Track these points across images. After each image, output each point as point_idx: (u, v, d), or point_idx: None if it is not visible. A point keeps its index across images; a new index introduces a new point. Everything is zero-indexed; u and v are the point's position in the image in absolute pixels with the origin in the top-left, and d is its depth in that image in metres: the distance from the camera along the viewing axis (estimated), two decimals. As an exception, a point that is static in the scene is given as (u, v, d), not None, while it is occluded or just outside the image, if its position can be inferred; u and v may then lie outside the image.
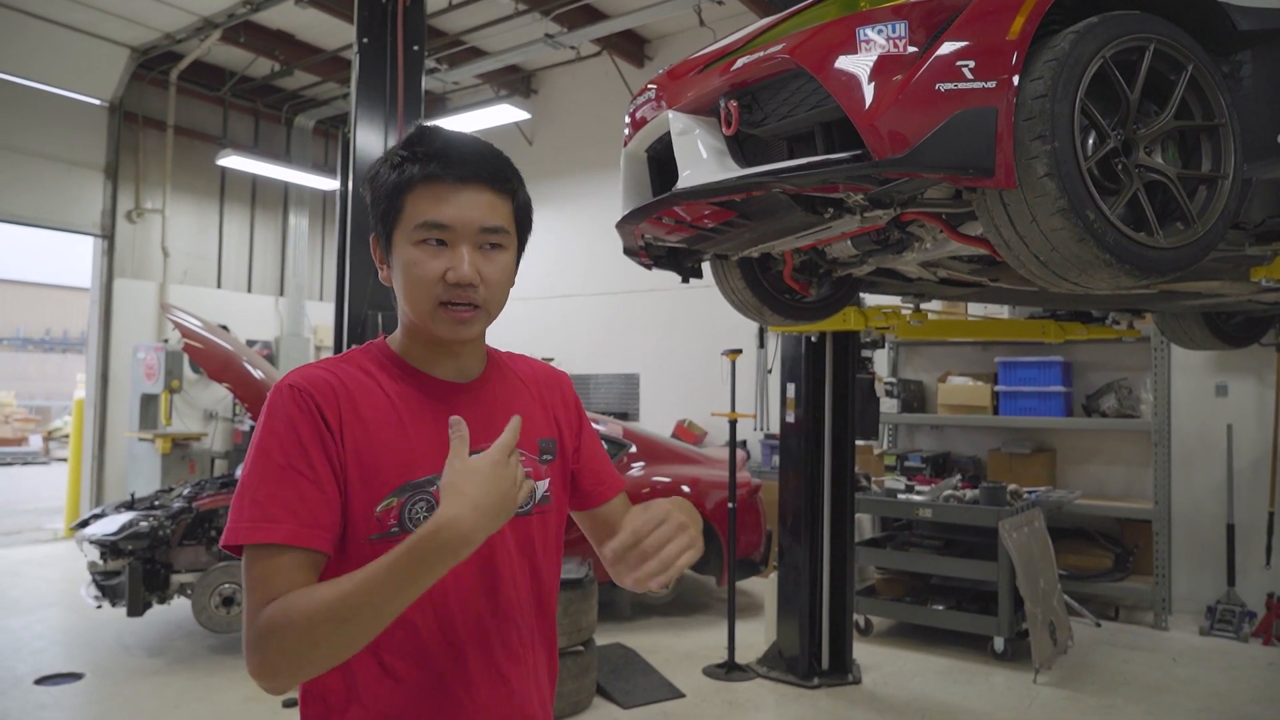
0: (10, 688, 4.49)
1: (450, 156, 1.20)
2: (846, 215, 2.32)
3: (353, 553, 1.15)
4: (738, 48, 2.19)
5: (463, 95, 10.29)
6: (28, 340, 29.28)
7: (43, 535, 8.93)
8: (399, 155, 1.22)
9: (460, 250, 1.19)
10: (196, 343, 5.06)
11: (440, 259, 1.19)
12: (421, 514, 1.18)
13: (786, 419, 4.95)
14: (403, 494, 1.18)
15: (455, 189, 1.19)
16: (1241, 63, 2.11)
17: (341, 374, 1.21)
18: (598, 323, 9.49)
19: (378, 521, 1.16)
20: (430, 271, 1.19)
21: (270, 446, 1.13)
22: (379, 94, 4.82)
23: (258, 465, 1.13)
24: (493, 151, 1.25)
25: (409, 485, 1.18)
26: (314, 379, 1.18)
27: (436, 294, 1.19)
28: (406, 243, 1.20)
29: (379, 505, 1.17)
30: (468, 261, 1.19)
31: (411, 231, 1.19)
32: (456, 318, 1.20)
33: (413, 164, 1.20)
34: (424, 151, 1.20)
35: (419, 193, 1.19)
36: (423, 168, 1.19)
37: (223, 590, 4.91)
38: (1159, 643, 5.58)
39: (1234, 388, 6.06)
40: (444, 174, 1.19)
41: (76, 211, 8.98)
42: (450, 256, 1.19)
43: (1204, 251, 1.96)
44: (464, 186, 1.20)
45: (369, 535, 1.16)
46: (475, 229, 1.20)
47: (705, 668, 4.93)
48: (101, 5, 7.98)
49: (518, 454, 1.12)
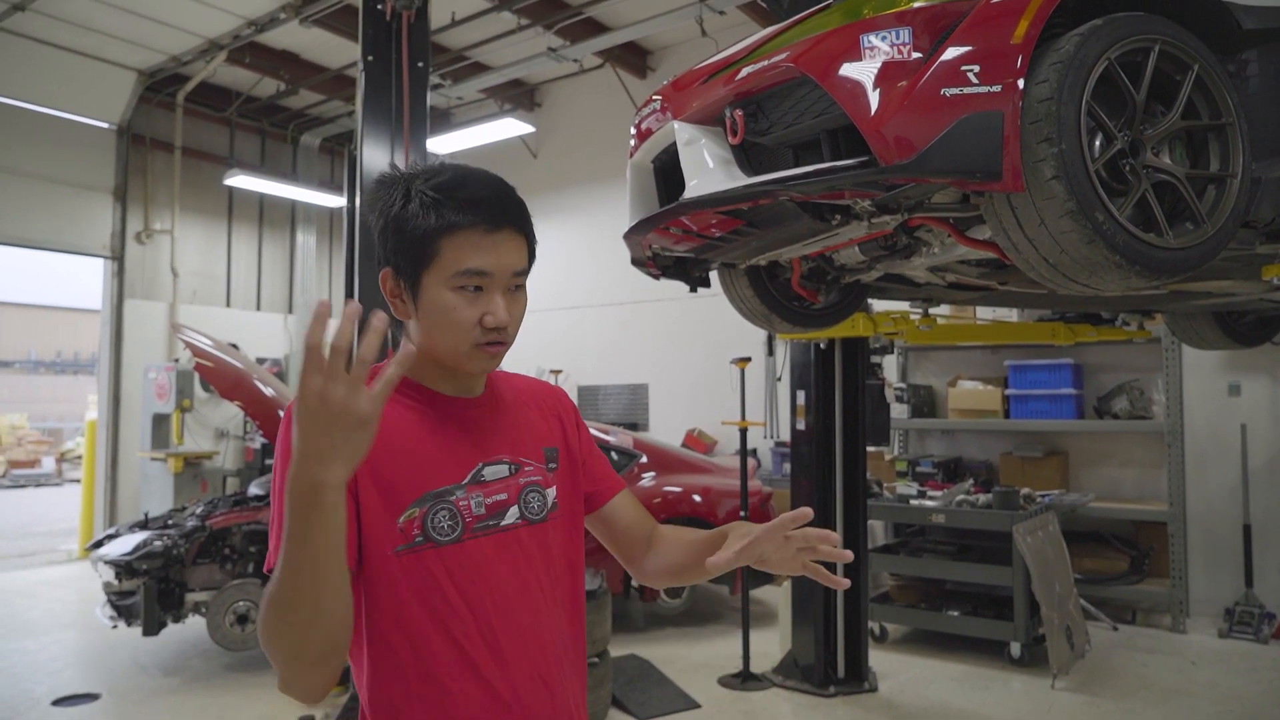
0: (28, 709, 4.50)
1: (490, 205, 1.23)
2: (854, 222, 2.32)
3: (381, 565, 1.18)
4: (742, 57, 2.19)
5: (467, 110, 10.35)
6: (40, 363, 29.44)
7: (57, 556, 8.95)
8: (430, 196, 1.22)
9: (495, 296, 1.23)
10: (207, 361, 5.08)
11: (477, 305, 1.22)
12: (444, 522, 1.21)
13: (797, 426, 4.94)
14: (424, 504, 1.20)
15: (492, 236, 1.23)
16: (1248, 61, 2.11)
17: None
18: (605, 334, 9.49)
19: (401, 532, 1.19)
20: (469, 317, 1.22)
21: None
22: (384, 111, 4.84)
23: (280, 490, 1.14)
24: (514, 194, 1.28)
25: (429, 495, 1.21)
26: None
27: (474, 337, 1.23)
28: (443, 287, 1.22)
29: (401, 517, 1.19)
30: (504, 307, 1.23)
31: (451, 278, 1.22)
32: (490, 354, 1.25)
33: (450, 210, 1.21)
34: (464, 198, 1.22)
35: (459, 240, 1.21)
36: (464, 215, 1.21)
37: (237, 608, 4.91)
38: (1177, 646, 5.53)
39: (1247, 387, 6.02)
40: (484, 222, 1.22)
41: (86, 234, 9.05)
42: (486, 301, 1.23)
43: (1214, 251, 1.96)
44: (499, 233, 1.23)
45: (395, 547, 1.18)
46: (509, 274, 1.24)
47: (720, 678, 4.91)
48: (108, 30, 8.05)
49: (338, 363, 0.93)
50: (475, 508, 1.24)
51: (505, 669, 1.22)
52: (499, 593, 1.23)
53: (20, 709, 4.50)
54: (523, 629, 1.25)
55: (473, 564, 1.22)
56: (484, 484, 1.26)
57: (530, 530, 1.30)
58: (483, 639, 1.21)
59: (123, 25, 7.97)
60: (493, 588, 1.22)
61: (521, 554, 1.27)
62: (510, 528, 1.27)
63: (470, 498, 1.24)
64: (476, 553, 1.23)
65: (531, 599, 1.27)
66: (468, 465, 1.26)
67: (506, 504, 1.28)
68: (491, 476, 1.27)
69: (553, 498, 1.35)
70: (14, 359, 28.72)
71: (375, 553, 1.18)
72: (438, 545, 1.20)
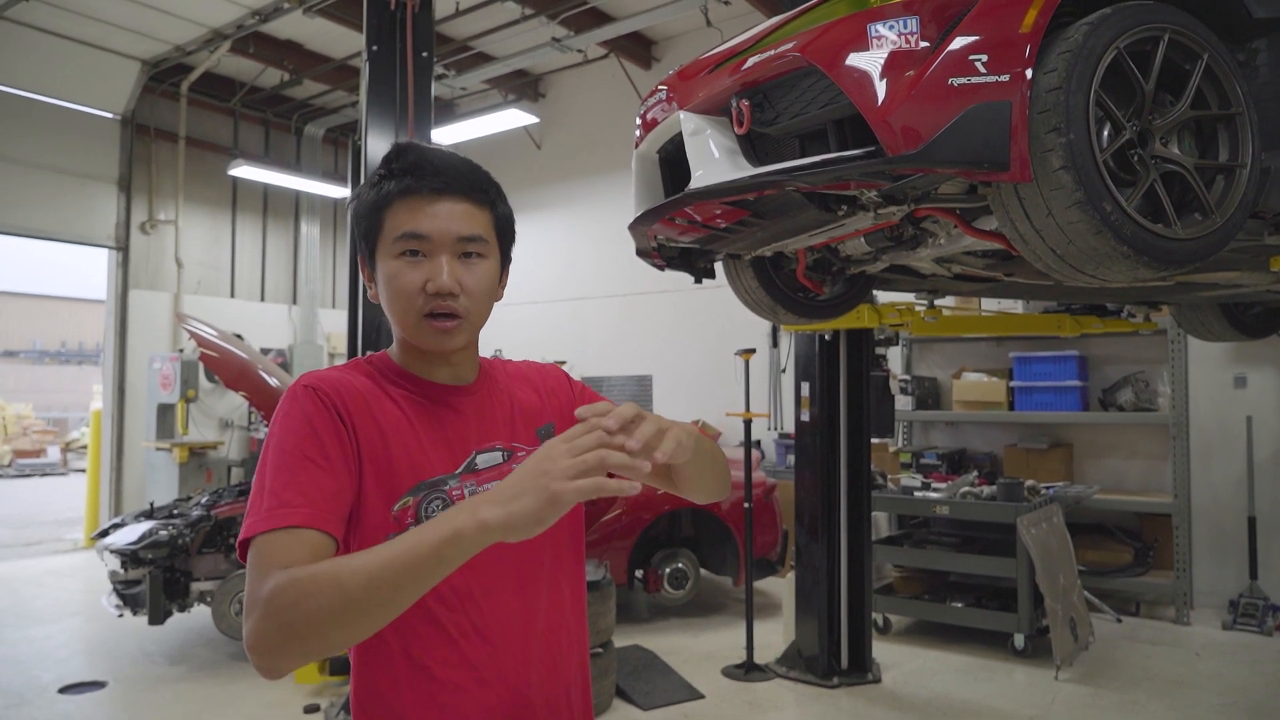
0: (35, 697, 4.53)
1: (424, 169, 1.23)
2: (860, 212, 2.31)
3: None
4: (748, 47, 2.18)
5: (471, 101, 10.33)
6: (45, 353, 29.53)
7: (63, 546, 8.99)
8: (377, 174, 1.26)
9: (439, 260, 1.22)
10: (212, 352, 5.09)
11: (420, 270, 1.22)
12: (438, 512, 1.20)
13: (801, 418, 4.94)
14: (418, 493, 1.21)
15: (431, 200, 1.22)
16: (1257, 50, 2.09)
17: (353, 377, 1.25)
18: (609, 325, 9.49)
19: (395, 520, 1.19)
20: (411, 282, 1.21)
21: (286, 441, 1.14)
22: (389, 101, 4.83)
23: (273, 460, 1.13)
24: (468, 164, 1.28)
25: (424, 485, 1.21)
26: (329, 379, 1.22)
27: (419, 305, 1.22)
28: (388, 256, 1.23)
29: (396, 505, 1.19)
30: (446, 271, 1.21)
31: (391, 245, 1.22)
32: (440, 328, 1.23)
33: (389, 180, 1.23)
34: (399, 167, 1.24)
35: (396, 207, 1.22)
36: (398, 182, 1.22)
37: (242, 597, 4.93)
38: (1181, 638, 5.53)
39: (1253, 379, 6.00)
40: (419, 186, 1.22)
41: (91, 224, 9.05)
42: (430, 267, 1.22)
43: (1223, 242, 1.94)
44: (440, 198, 1.23)
45: (387, 534, 1.16)
46: (452, 238, 1.23)
47: (724, 668, 4.92)
48: (112, 19, 8.05)
49: (568, 442, 1.01)
50: (468, 495, 1.23)
51: (496, 657, 1.22)
52: (490, 580, 1.22)
53: (28, 697, 4.53)
54: (514, 615, 1.24)
55: None
56: (476, 473, 1.26)
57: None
58: (473, 626, 1.21)
59: (127, 14, 7.96)
60: (483, 575, 1.21)
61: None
62: None
63: (464, 487, 1.23)
64: None
65: (524, 584, 1.26)
66: (461, 454, 1.26)
67: None
68: (484, 464, 1.27)
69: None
70: (19, 349, 28.81)
71: (367, 538, 1.17)
72: None
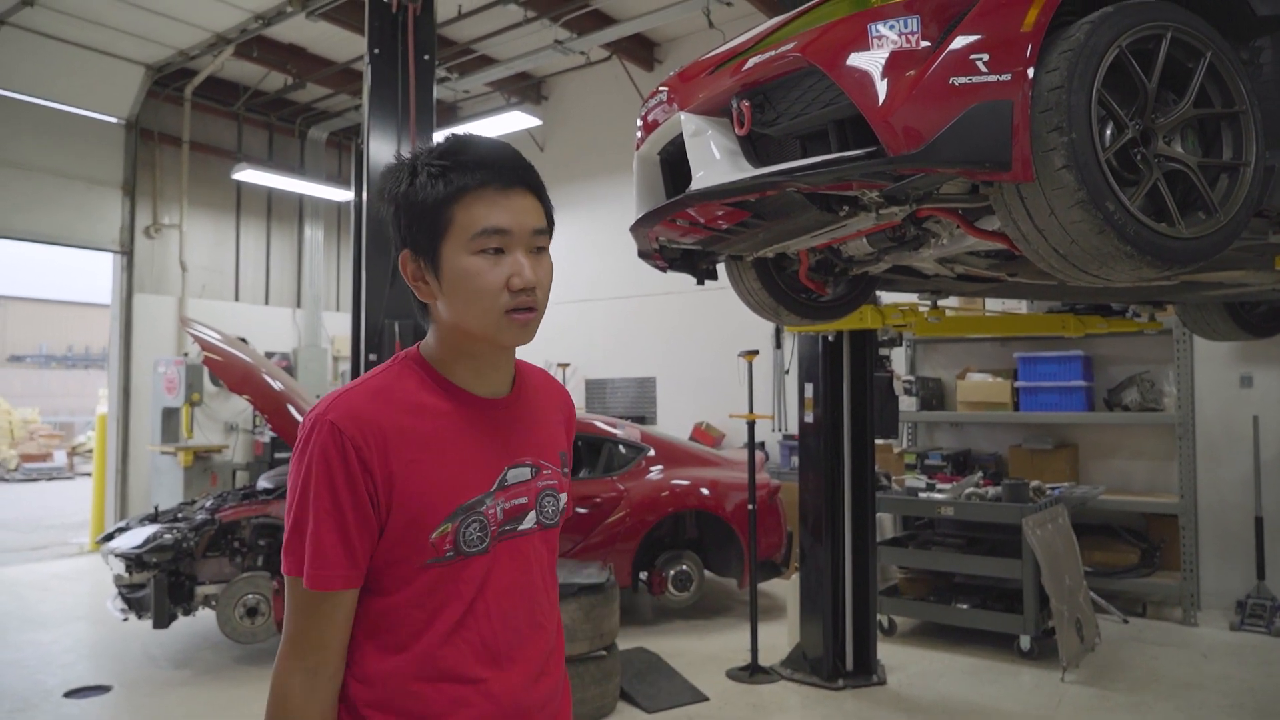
0: (41, 701, 4.53)
1: (498, 164, 1.19)
2: (862, 213, 2.31)
3: (408, 575, 1.18)
4: (748, 48, 2.18)
5: (473, 103, 10.34)
6: (50, 357, 29.61)
7: (69, 550, 9.01)
8: (436, 166, 1.19)
9: (517, 256, 1.19)
10: (216, 356, 5.10)
11: (501, 266, 1.18)
12: (474, 534, 1.19)
13: (805, 419, 4.93)
14: (456, 518, 1.19)
15: (505, 194, 1.19)
16: (1261, 48, 2.08)
17: (386, 401, 1.19)
18: (612, 327, 9.48)
19: (433, 547, 1.17)
20: (494, 280, 1.17)
21: (318, 487, 1.14)
22: (391, 104, 4.84)
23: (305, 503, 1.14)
24: (522, 157, 1.25)
25: (462, 509, 1.19)
26: (357, 417, 1.16)
27: (503, 303, 1.18)
28: (462, 253, 1.18)
29: (434, 532, 1.17)
30: (529, 266, 1.19)
31: (469, 241, 1.17)
32: (521, 322, 1.20)
33: (457, 173, 1.17)
34: (468, 160, 1.18)
35: (469, 201, 1.17)
36: (472, 176, 1.17)
37: (246, 601, 4.93)
38: (1188, 639, 5.50)
39: (1259, 378, 5.98)
40: (494, 180, 1.18)
41: (96, 228, 9.08)
42: (510, 263, 1.18)
43: (1227, 241, 1.93)
44: (512, 191, 1.19)
45: (424, 560, 1.17)
46: (529, 232, 1.20)
47: (729, 670, 4.91)
48: (116, 24, 8.07)
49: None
50: (499, 514, 1.23)
51: (502, 671, 1.22)
52: (504, 597, 1.23)
53: (33, 700, 4.53)
54: (521, 631, 1.24)
55: (485, 570, 1.21)
56: (506, 488, 1.24)
57: (543, 535, 1.30)
58: (481, 640, 1.20)
59: (130, 20, 7.98)
60: (498, 591, 1.22)
61: (532, 557, 1.27)
62: (526, 533, 1.26)
63: (497, 504, 1.23)
64: (490, 559, 1.22)
65: (531, 601, 1.27)
66: (495, 470, 1.24)
67: (525, 508, 1.26)
68: (514, 480, 1.25)
69: (564, 501, 1.34)
70: (26, 353, 28.90)
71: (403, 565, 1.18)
72: (466, 557, 1.19)
